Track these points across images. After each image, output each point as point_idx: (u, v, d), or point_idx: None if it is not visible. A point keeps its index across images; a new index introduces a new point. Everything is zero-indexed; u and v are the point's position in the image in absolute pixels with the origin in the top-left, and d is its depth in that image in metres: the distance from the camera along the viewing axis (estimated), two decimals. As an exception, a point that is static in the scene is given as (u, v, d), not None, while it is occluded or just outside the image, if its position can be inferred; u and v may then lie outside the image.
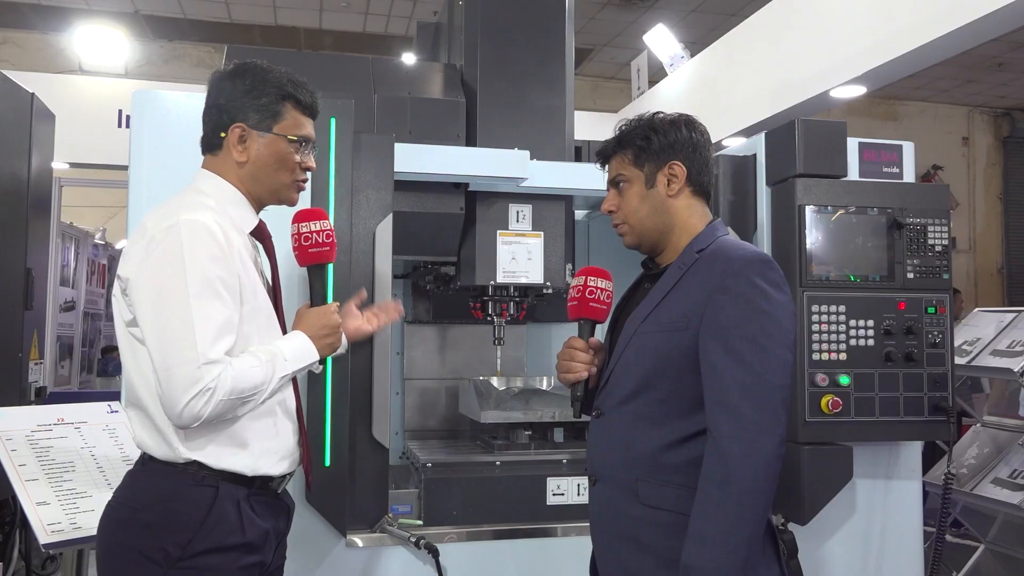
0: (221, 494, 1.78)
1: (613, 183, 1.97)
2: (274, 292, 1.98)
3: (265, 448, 1.86)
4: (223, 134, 1.90)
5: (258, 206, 1.96)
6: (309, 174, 2.02)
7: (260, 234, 1.96)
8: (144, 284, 1.75)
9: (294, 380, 1.98)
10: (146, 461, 1.85)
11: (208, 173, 1.92)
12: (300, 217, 1.99)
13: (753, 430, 1.65)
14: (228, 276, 1.77)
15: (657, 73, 8.95)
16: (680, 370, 1.76)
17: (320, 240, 1.97)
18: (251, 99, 1.89)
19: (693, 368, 1.75)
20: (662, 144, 1.90)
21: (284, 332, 1.96)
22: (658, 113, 1.95)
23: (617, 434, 1.84)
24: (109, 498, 1.88)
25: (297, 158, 1.93)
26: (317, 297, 2.00)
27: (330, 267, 2.10)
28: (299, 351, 1.87)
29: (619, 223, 1.97)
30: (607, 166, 2.00)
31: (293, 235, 1.98)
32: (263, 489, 1.87)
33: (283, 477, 1.94)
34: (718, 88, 7.43)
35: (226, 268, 1.77)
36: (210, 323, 1.71)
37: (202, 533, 1.75)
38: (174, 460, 1.79)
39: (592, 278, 1.97)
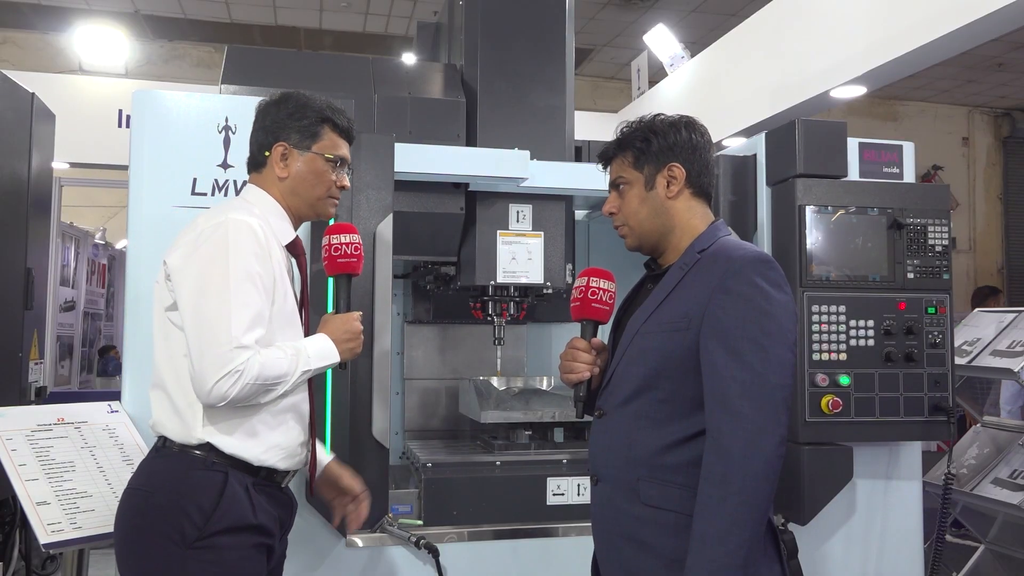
0: (230, 478, 1.89)
1: (613, 185, 1.98)
2: (302, 304, 2.11)
3: (274, 443, 1.97)
4: (267, 153, 2.06)
5: (297, 221, 2.11)
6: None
7: (295, 248, 2.10)
8: (189, 271, 1.89)
9: (310, 386, 2.08)
10: (159, 448, 1.96)
11: (253, 187, 2.09)
12: (332, 231, 2.14)
13: (753, 430, 1.65)
14: (265, 274, 1.92)
15: (657, 73, 8.94)
16: (682, 370, 1.77)
17: (349, 252, 2.12)
18: (293, 121, 2.06)
19: (695, 368, 1.75)
20: (661, 146, 1.90)
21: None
22: (659, 115, 1.96)
23: (619, 434, 1.85)
24: (109, 497, 1.92)
25: (333, 176, 2.09)
26: (341, 305, 2.14)
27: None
28: (322, 351, 2.01)
29: (620, 225, 1.98)
30: (608, 168, 2.01)
31: (324, 246, 2.13)
32: (268, 480, 1.97)
33: (287, 472, 2.04)
34: (718, 88, 7.43)
35: (264, 266, 1.92)
36: (246, 311, 1.85)
37: (218, 514, 1.85)
38: (188, 441, 1.91)
39: (595, 279, 1.97)
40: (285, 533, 2.08)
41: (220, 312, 1.83)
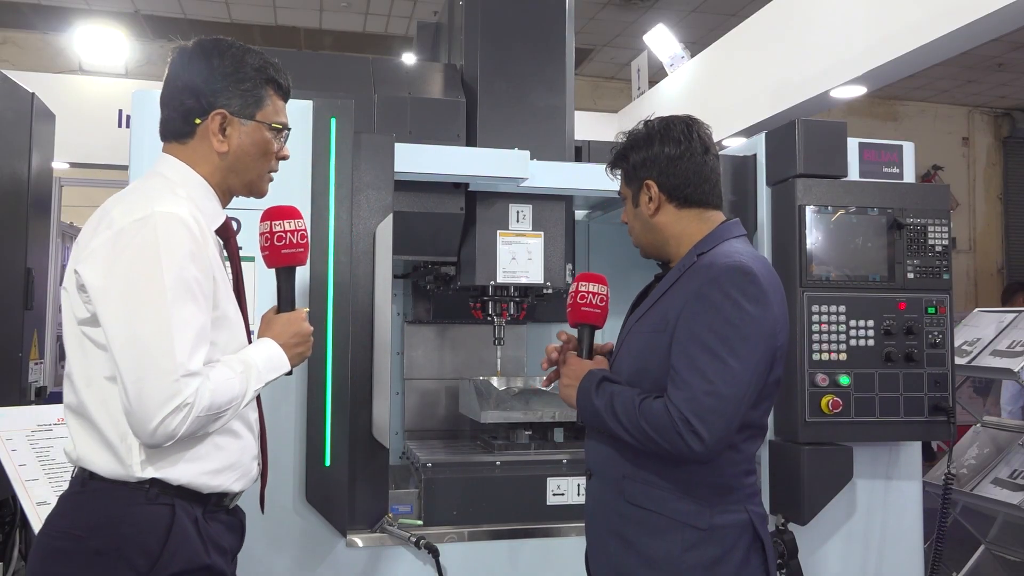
0: (178, 512, 1.60)
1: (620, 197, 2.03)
2: (237, 294, 1.80)
3: (227, 463, 1.70)
4: (198, 120, 1.71)
5: (226, 199, 1.80)
6: (283, 164, 1.89)
7: (225, 231, 1.78)
8: (113, 283, 1.55)
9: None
10: (86, 480, 1.63)
11: (174, 161, 1.73)
12: (273, 215, 1.82)
13: (686, 431, 1.67)
14: (204, 277, 1.61)
15: (657, 73, 8.94)
16: (659, 371, 1.77)
17: (295, 241, 1.82)
18: (233, 83, 1.72)
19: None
20: (635, 163, 1.91)
21: (249, 338, 1.81)
22: (647, 121, 1.95)
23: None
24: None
25: (275, 147, 1.80)
26: (285, 302, 1.85)
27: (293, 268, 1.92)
28: (271, 361, 1.73)
29: (630, 234, 2.02)
30: None
31: (264, 233, 1.83)
32: (217, 506, 1.71)
33: (237, 494, 1.79)
34: (718, 88, 7.42)
35: (203, 268, 1.61)
36: (188, 330, 1.55)
37: (166, 556, 1.57)
38: (125, 479, 1.59)
39: (584, 283, 1.99)
40: (234, 558, 1.82)
41: (159, 333, 1.51)
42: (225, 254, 1.81)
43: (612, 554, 1.83)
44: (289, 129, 1.84)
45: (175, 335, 1.53)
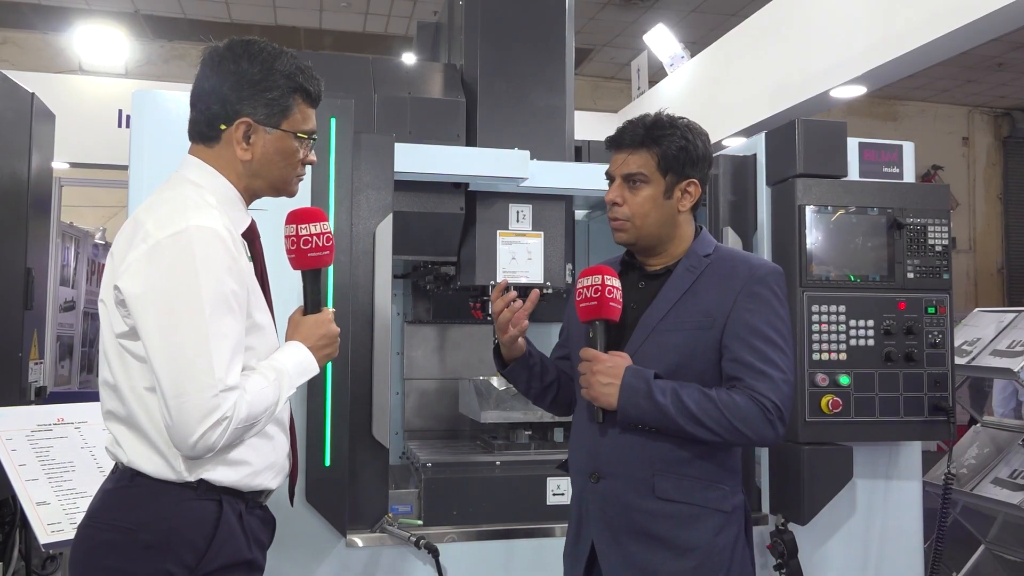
0: (225, 508, 1.66)
1: (627, 177, 1.93)
2: (264, 294, 1.81)
3: (268, 463, 1.75)
4: (223, 126, 1.72)
5: (251, 200, 1.81)
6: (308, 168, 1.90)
7: (250, 234, 1.78)
8: (152, 299, 1.57)
9: None
10: (134, 475, 1.66)
11: (201, 165, 1.74)
12: (299, 217, 1.82)
13: (773, 419, 1.79)
14: (240, 289, 1.63)
15: (657, 73, 8.95)
16: (702, 365, 1.86)
17: (321, 244, 1.81)
18: (259, 91, 1.71)
19: (714, 363, 1.86)
20: (691, 158, 1.92)
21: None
22: (681, 118, 1.96)
23: (634, 430, 1.87)
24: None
25: (301, 154, 1.80)
26: (311, 304, 1.85)
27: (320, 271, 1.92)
28: (301, 366, 1.75)
29: (621, 219, 1.95)
30: (623, 152, 1.95)
31: (290, 236, 1.82)
32: (255, 502, 1.76)
33: (272, 490, 1.84)
34: (718, 88, 7.42)
35: (239, 280, 1.63)
36: (226, 344, 1.57)
37: (212, 551, 1.62)
38: (174, 480, 1.64)
39: (608, 277, 1.92)
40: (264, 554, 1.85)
41: (198, 349, 1.54)
42: (249, 254, 1.79)
43: (633, 553, 1.85)
44: (315, 137, 1.83)
45: (213, 350, 1.55)
